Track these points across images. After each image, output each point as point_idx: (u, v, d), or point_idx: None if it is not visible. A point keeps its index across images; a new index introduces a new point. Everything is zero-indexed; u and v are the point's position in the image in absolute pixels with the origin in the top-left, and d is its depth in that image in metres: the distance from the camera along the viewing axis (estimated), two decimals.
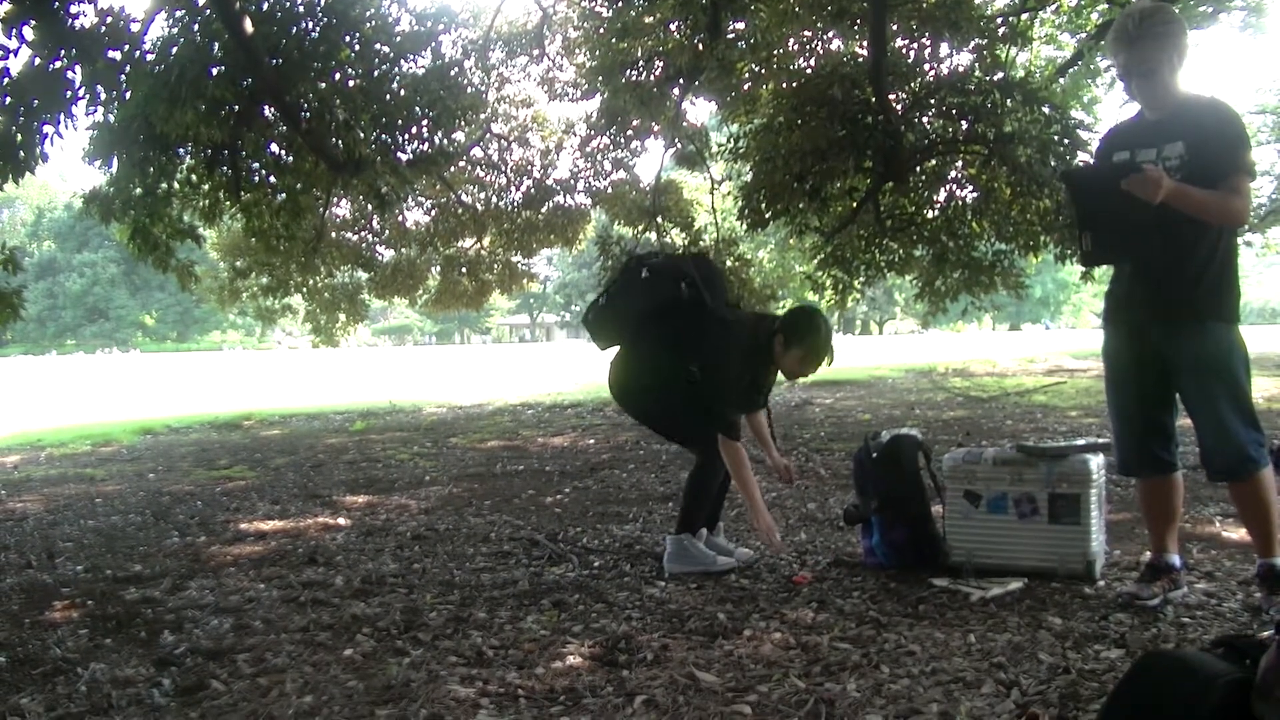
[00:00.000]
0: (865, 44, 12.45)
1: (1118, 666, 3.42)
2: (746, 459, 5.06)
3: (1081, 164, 10.30)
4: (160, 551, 6.25)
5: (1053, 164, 10.93)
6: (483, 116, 19.16)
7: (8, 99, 8.13)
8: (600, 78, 16.70)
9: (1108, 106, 16.37)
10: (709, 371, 5.05)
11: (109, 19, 8.81)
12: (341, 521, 7.06)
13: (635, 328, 5.25)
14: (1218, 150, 3.90)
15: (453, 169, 18.96)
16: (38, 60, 8.37)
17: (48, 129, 8.25)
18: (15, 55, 8.19)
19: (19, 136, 8.06)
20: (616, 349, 5.44)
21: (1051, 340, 46.16)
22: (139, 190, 11.66)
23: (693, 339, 5.07)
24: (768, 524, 4.98)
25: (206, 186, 12.46)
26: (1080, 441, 4.85)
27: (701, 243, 19.31)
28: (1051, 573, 4.58)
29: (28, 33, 8.15)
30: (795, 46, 14.60)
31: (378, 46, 11.93)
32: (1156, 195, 3.77)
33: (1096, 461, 4.66)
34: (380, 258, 21.80)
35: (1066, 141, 11.24)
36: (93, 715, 3.45)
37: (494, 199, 21.55)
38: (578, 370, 28.22)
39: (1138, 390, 4.22)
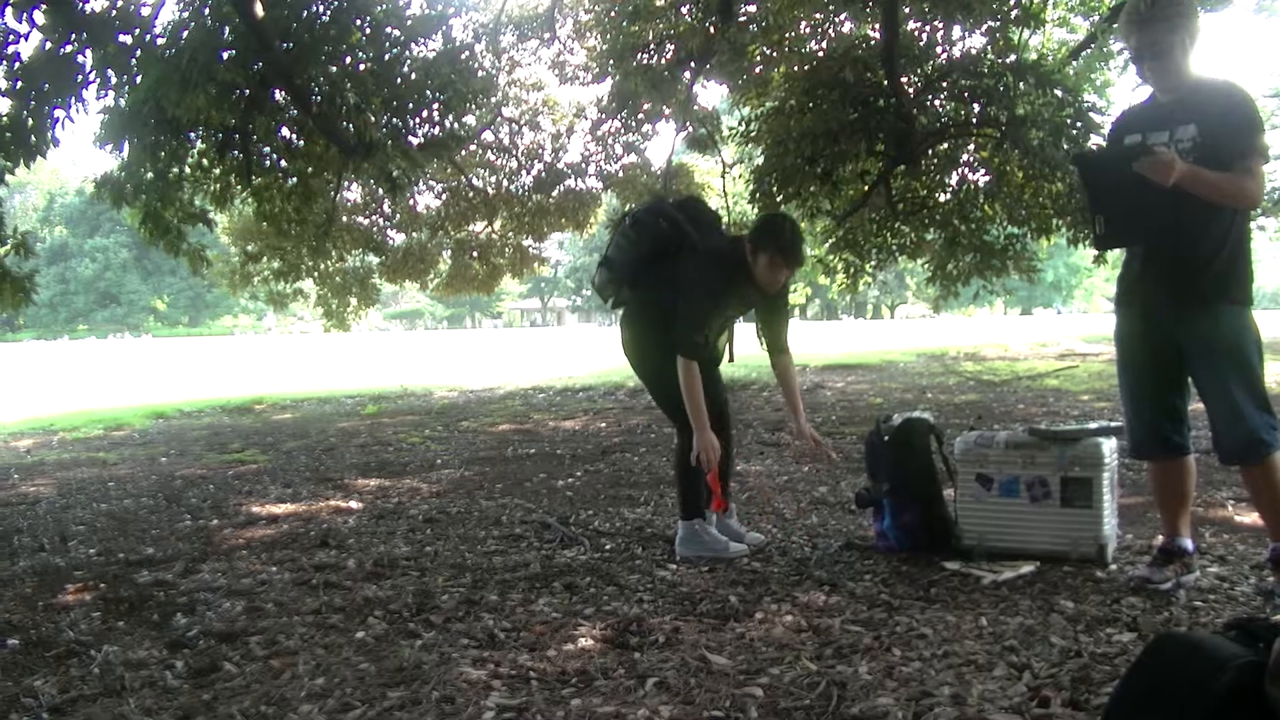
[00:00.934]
0: (877, 26, 12.43)
1: (1130, 650, 3.41)
2: (699, 380, 4.97)
3: (1093, 148, 10.26)
4: (172, 535, 6.27)
5: (1065, 147, 10.90)
6: (494, 100, 19.12)
7: (19, 84, 8.14)
8: (611, 61, 16.69)
9: (1120, 89, 16.30)
10: (686, 301, 5.01)
11: (120, 3, 8.81)
12: (353, 505, 7.07)
13: (631, 277, 5.31)
14: (1231, 133, 3.88)
15: (464, 153, 18.92)
16: (48, 44, 8.38)
17: (59, 113, 8.26)
18: (26, 40, 8.21)
19: (30, 121, 8.07)
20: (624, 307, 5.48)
21: (1063, 324, 46.10)
22: (150, 174, 11.65)
23: (678, 277, 5.07)
24: (705, 443, 4.92)
25: (218, 171, 12.46)
26: (1093, 425, 4.84)
27: None
28: (1063, 556, 4.57)
29: (38, 17, 8.16)
30: (807, 29, 14.57)
31: (388, 30, 11.91)
32: (1169, 178, 3.75)
33: (1109, 445, 4.65)
34: (391, 242, 21.77)
35: (1079, 125, 11.21)
36: (106, 697, 3.46)
37: (505, 183, 21.51)
38: (589, 354, 28.26)
39: (1150, 373, 4.21)
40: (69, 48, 8.36)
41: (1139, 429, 4.27)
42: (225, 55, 10.39)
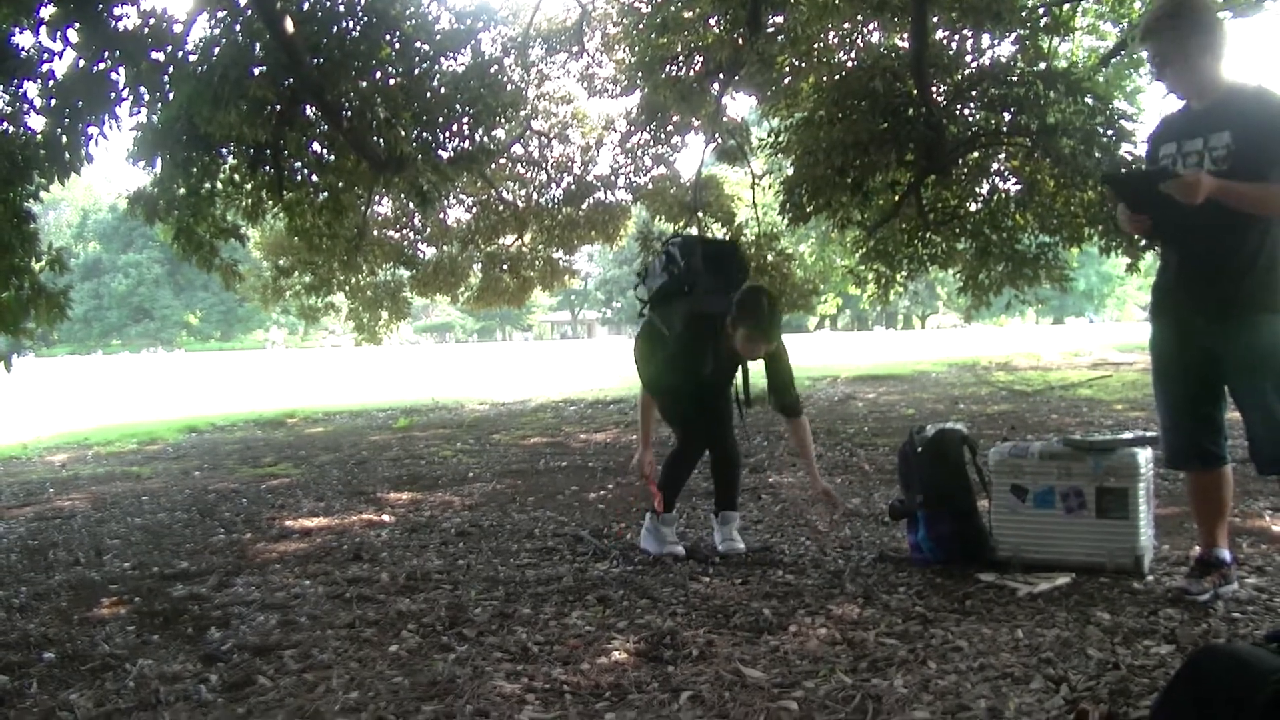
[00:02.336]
0: (906, 36, 12.40)
1: (1168, 662, 3.38)
2: (653, 407, 5.63)
3: (1122, 168, 10.19)
4: (206, 548, 6.30)
5: (1097, 155, 10.84)
6: (523, 113, 19.17)
7: (53, 101, 8.19)
8: (640, 73, 16.71)
9: (1151, 96, 16.19)
10: (647, 344, 5.64)
11: (152, 20, 8.86)
12: (386, 518, 7.09)
13: (648, 299, 5.77)
14: (1265, 139, 3.85)
15: (493, 166, 18.98)
16: (82, 62, 8.42)
17: (92, 130, 8.30)
18: (60, 58, 8.25)
19: (64, 138, 8.12)
20: None
21: (1096, 333, 45.81)
22: (183, 190, 11.74)
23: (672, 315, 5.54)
24: (642, 459, 5.53)
25: (249, 186, 12.54)
26: (1127, 435, 4.81)
27: (743, 238, 19.30)
28: (1100, 568, 4.54)
29: (72, 35, 8.20)
30: (835, 39, 14.58)
31: (418, 45, 11.98)
32: (1195, 198, 3.73)
33: (1144, 455, 4.61)
34: (422, 255, 21.84)
35: (1110, 132, 11.15)
36: (140, 711, 3.48)
37: (535, 196, 21.57)
38: (619, 366, 28.23)
39: (1185, 383, 4.17)
40: (102, 65, 8.40)
41: (1175, 439, 4.23)
42: (256, 71, 10.48)
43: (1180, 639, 3.64)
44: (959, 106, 12.58)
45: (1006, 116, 12.05)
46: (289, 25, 10.10)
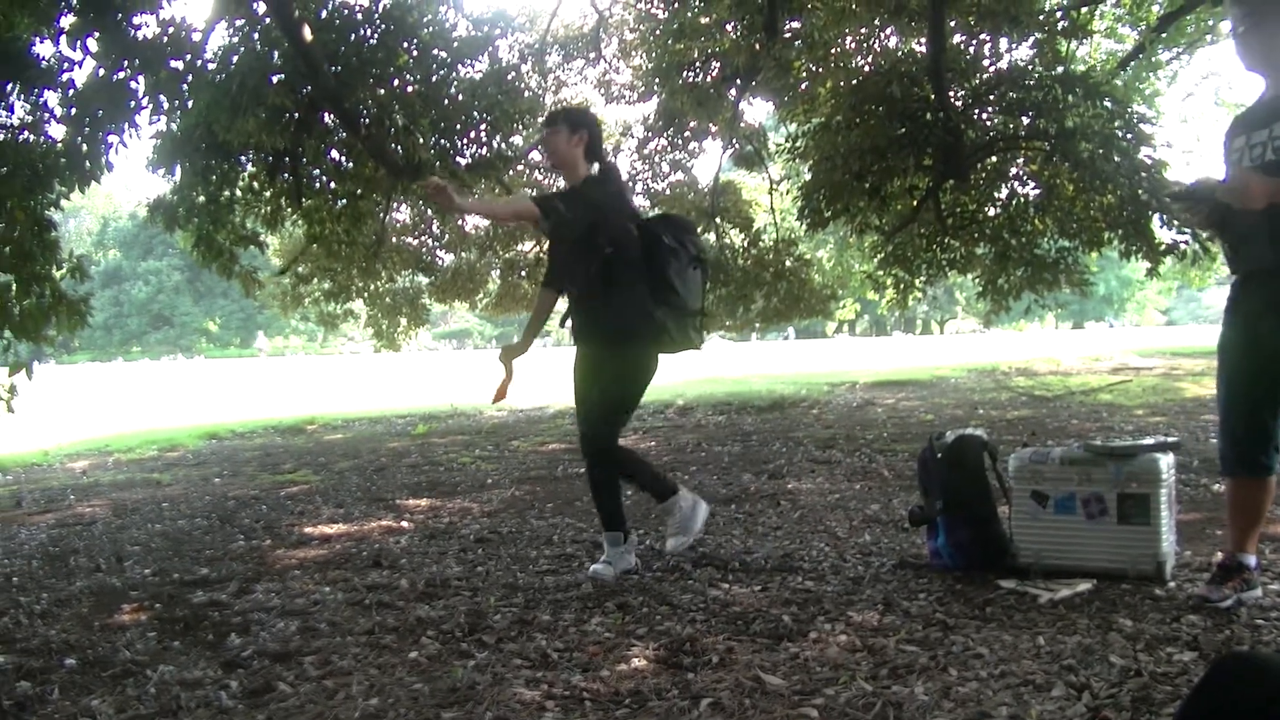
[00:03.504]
0: (923, 40, 12.38)
1: (1191, 669, 3.36)
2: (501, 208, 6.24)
3: (1181, 183, 10.15)
4: (226, 555, 6.31)
5: (1116, 159, 10.81)
6: (540, 119, 19.20)
7: (73, 110, 8.25)
8: (657, 79, 16.72)
9: (1169, 100, 16.19)
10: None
11: (171, 29, 8.92)
12: (405, 525, 7.10)
13: None
14: None
15: (511, 172, 18.99)
16: (101, 71, 8.48)
17: (112, 139, 8.36)
18: (80, 67, 8.32)
19: (84, 147, 8.17)
20: None
21: (1116, 338, 45.61)
22: (202, 198, 11.81)
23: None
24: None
25: (268, 193, 12.61)
26: (1149, 440, 4.78)
27: (761, 243, 19.30)
28: (1121, 574, 4.51)
29: (92, 44, 8.26)
30: (853, 44, 14.56)
31: (435, 52, 12.02)
32: (1252, 199, 3.66)
33: (1166, 461, 4.58)
34: (440, 262, 21.86)
35: (1129, 136, 11.10)
36: (162, 717, 3.49)
37: None
38: None
39: (1245, 388, 4.12)
40: (122, 74, 8.46)
41: (1226, 447, 4.20)
42: (275, 79, 10.53)
43: (1203, 646, 3.61)
44: (977, 111, 12.55)
45: (1025, 120, 12.02)
46: (307, 33, 10.14)
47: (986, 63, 12.94)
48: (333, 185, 12.90)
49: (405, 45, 11.61)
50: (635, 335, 5.12)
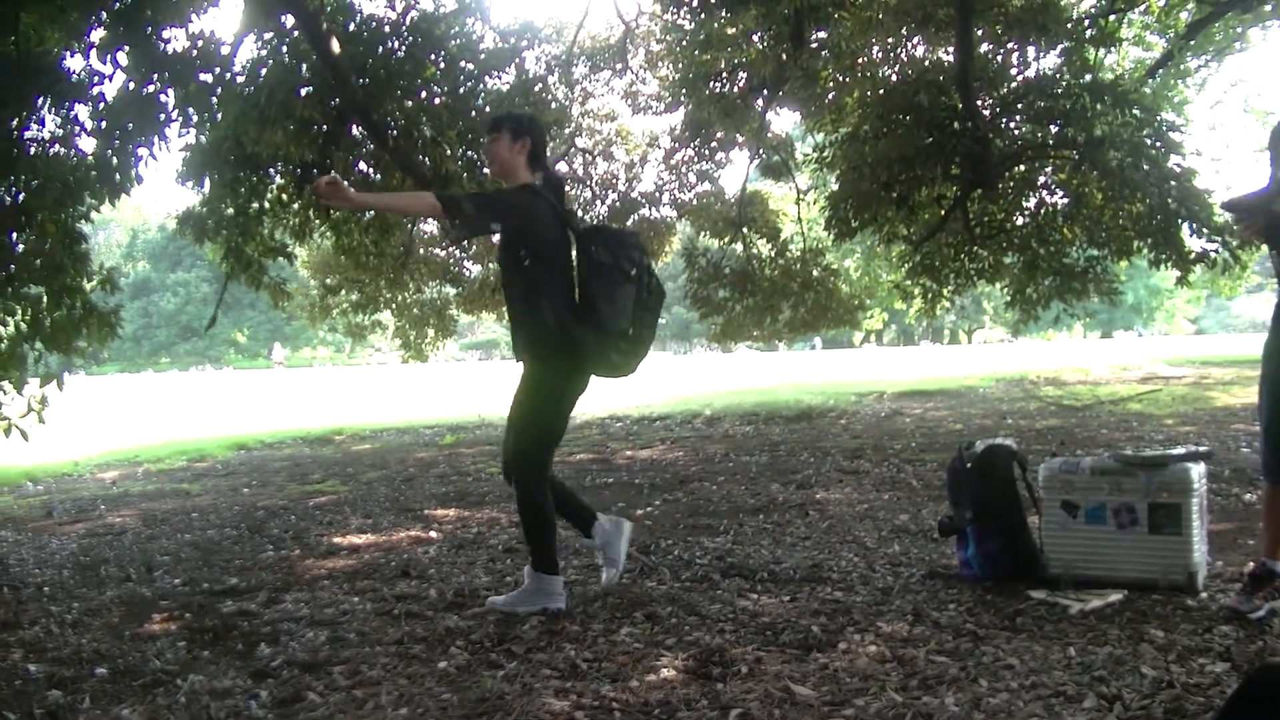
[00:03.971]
0: (951, 49, 12.36)
1: (1223, 680, 3.34)
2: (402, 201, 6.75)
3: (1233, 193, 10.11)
4: (255, 565, 6.34)
5: (1145, 167, 10.76)
6: (567, 131, 19.28)
7: (103, 123, 8.30)
8: (684, 90, 16.75)
9: (1198, 107, 16.09)
10: None
11: (200, 43, 8.97)
12: (433, 535, 7.11)
13: None
14: None
15: None
16: (131, 85, 8.54)
17: (142, 152, 8.40)
18: (110, 80, 8.37)
19: (114, 160, 8.21)
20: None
21: (1145, 347, 45.34)
22: (231, 210, 11.88)
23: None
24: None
25: (297, 205, 12.66)
26: (1180, 450, 4.75)
27: (788, 253, 19.28)
28: (1152, 584, 4.48)
29: (121, 58, 8.31)
30: (880, 54, 14.54)
31: (463, 64, 12.08)
32: None
33: (1197, 470, 4.55)
34: (468, 273, 21.92)
35: (1158, 144, 11.05)
36: None
37: (580, 213, 21.63)
38: (665, 383, 28.22)
39: None
40: (151, 87, 8.51)
41: (1268, 452, 4.18)
42: (303, 92, 10.60)
43: (1236, 657, 3.59)
44: (1005, 120, 12.53)
45: (1053, 129, 11.98)
46: (335, 46, 10.20)
47: (1014, 71, 12.92)
48: None
49: (433, 57, 11.67)
50: (551, 351, 4.85)
